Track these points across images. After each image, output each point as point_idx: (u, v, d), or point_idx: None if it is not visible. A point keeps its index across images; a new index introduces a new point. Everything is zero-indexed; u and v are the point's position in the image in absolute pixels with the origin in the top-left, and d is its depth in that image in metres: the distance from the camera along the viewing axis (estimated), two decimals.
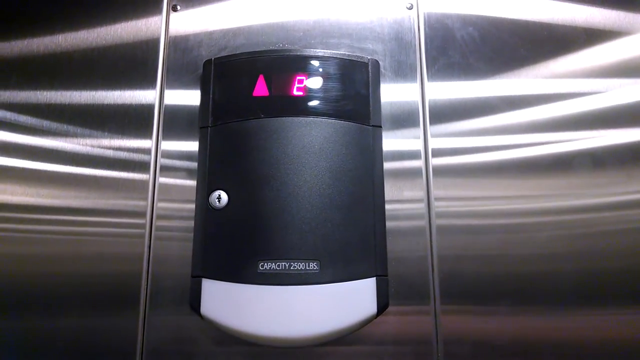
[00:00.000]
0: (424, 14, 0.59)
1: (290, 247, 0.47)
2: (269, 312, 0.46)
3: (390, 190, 0.53)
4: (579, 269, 0.51)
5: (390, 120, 0.55)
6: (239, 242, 0.48)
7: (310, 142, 0.50)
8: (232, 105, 0.52)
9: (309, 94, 0.52)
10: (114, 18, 0.60)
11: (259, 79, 0.52)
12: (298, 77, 0.52)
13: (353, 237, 0.48)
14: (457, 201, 0.53)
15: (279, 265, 0.46)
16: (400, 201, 0.53)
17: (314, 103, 0.51)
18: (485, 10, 0.59)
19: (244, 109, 0.52)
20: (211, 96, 0.53)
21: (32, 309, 0.52)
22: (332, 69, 0.53)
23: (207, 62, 0.55)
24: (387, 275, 0.49)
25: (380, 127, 0.53)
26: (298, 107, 0.51)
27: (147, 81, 0.58)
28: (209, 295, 0.47)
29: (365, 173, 0.50)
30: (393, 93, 0.56)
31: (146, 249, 0.52)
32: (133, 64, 0.58)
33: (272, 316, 0.45)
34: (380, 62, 0.56)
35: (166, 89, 0.57)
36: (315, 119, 0.51)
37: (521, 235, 0.52)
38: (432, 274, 0.51)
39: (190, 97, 0.57)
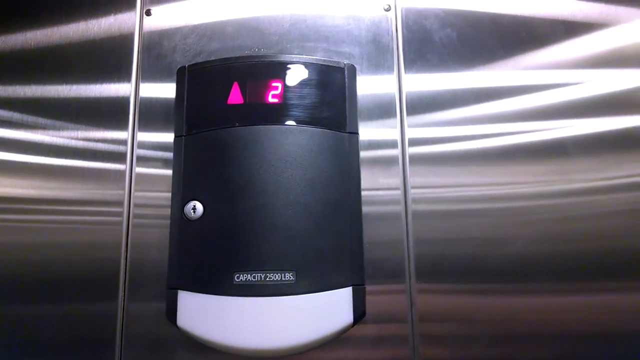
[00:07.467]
0: (402, 15, 0.58)
1: (265, 258, 0.46)
2: (245, 324, 0.45)
3: (368, 178, 0.53)
4: (552, 251, 0.52)
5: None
6: (214, 254, 0.47)
7: (286, 151, 0.49)
8: (206, 114, 0.51)
9: (284, 101, 0.51)
10: (87, 20, 0.59)
11: (234, 86, 0.52)
12: (273, 84, 0.51)
13: (329, 247, 0.48)
14: (433, 188, 0.54)
15: (254, 277, 0.46)
16: (377, 189, 0.54)
17: (289, 110, 0.51)
18: (464, 8, 0.59)
19: (218, 117, 0.51)
20: (185, 104, 0.52)
21: (10, 298, 0.52)
22: (308, 75, 0.52)
23: (181, 70, 0.54)
24: (364, 284, 0.49)
25: (357, 134, 0.53)
26: (273, 114, 0.50)
27: (123, 81, 0.57)
28: (185, 307, 0.47)
29: (341, 181, 0.50)
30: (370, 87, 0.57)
31: (124, 237, 0.53)
32: (107, 69, 0.58)
33: (248, 328, 0.45)
34: (357, 66, 0.56)
35: (140, 92, 0.57)
36: (291, 127, 0.50)
37: (496, 219, 0.53)
38: (408, 255, 0.52)
39: (165, 91, 0.57)
